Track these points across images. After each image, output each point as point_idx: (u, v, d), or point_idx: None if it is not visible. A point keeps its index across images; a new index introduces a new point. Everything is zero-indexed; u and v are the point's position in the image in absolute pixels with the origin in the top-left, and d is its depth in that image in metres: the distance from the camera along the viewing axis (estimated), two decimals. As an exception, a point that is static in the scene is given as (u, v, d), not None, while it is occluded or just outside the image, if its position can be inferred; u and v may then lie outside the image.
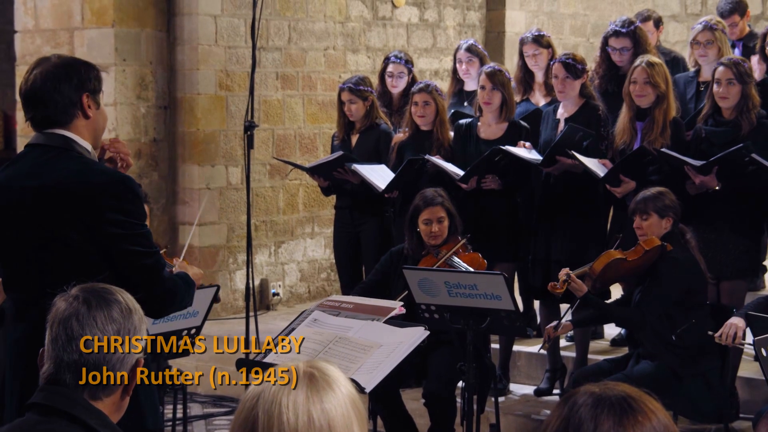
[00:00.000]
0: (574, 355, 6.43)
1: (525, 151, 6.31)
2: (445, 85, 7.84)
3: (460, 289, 4.97)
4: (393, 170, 6.62)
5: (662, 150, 5.90)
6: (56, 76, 3.39)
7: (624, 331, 6.80)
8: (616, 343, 6.94)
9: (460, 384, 5.30)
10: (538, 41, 6.92)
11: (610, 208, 6.63)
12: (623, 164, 5.99)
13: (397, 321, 4.58)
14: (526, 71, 7.04)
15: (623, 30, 6.65)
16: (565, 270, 5.37)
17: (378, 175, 6.60)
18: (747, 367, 6.02)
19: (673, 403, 5.17)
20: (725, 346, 5.18)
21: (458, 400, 5.48)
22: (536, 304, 6.87)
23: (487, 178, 6.33)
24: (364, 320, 4.47)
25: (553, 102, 6.72)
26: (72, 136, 3.41)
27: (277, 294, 8.78)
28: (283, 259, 8.87)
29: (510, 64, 8.12)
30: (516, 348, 6.76)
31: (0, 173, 3.49)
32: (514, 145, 6.34)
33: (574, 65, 6.31)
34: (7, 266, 3.48)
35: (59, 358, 2.42)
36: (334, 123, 7.47)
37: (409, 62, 7.30)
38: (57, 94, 3.38)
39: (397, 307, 4.68)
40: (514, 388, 6.71)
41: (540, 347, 5.62)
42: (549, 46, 6.95)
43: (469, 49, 7.23)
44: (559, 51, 6.99)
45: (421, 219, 5.74)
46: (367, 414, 5.19)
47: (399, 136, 6.84)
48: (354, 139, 6.99)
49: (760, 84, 6.25)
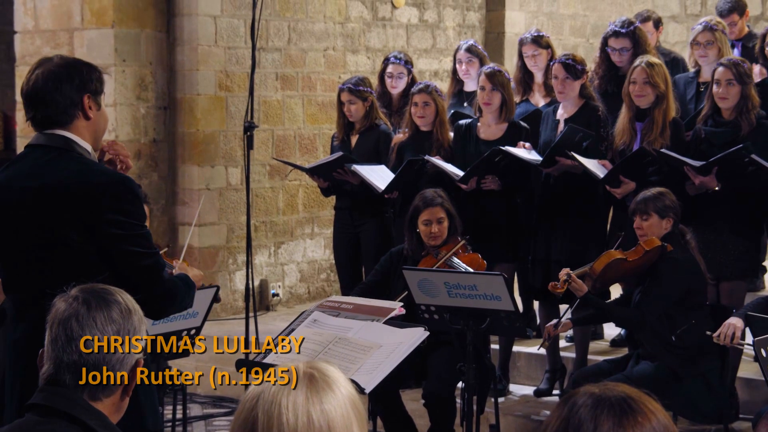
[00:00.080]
0: (573, 355, 6.43)
1: (525, 152, 6.30)
2: (444, 86, 7.84)
3: (459, 289, 4.97)
4: (393, 171, 6.61)
5: (662, 150, 5.90)
6: (58, 76, 3.39)
7: (624, 331, 6.80)
8: (615, 343, 6.94)
9: (460, 384, 5.30)
10: (537, 42, 6.91)
11: (610, 209, 6.63)
12: (623, 165, 5.99)
13: (397, 321, 4.57)
14: (525, 72, 7.04)
15: (623, 30, 6.65)
16: (566, 270, 5.37)
17: (378, 176, 6.59)
18: (747, 368, 6.02)
19: (673, 404, 5.17)
20: (725, 347, 5.19)
21: (458, 401, 5.48)
22: (536, 304, 6.87)
23: (486, 178, 6.33)
24: (364, 321, 4.46)
25: (553, 103, 6.72)
26: (72, 136, 3.40)
27: (277, 295, 8.78)
28: (283, 260, 8.87)
29: (510, 65, 8.11)
30: (516, 348, 6.76)
31: (0, 174, 3.49)
32: (514, 145, 6.34)
33: (573, 66, 6.31)
34: (7, 267, 3.48)
35: (59, 359, 2.42)
36: (333, 123, 7.46)
37: (408, 63, 7.30)
38: (58, 94, 3.38)
39: (397, 308, 4.68)
40: (514, 388, 6.71)
41: (539, 346, 5.62)
42: (548, 47, 6.95)
43: (469, 50, 7.23)
44: (559, 52, 6.98)
45: (420, 220, 5.73)
46: (367, 415, 5.19)
47: (399, 137, 6.84)
48: (354, 139, 6.99)
49: (759, 85, 6.25)
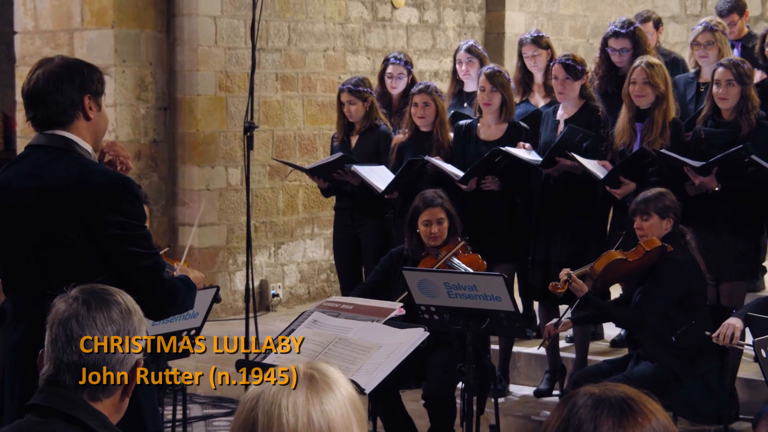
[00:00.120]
0: (573, 356, 6.43)
1: (525, 152, 6.30)
2: (444, 86, 7.84)
3: (459, 290, 4.96)
4: (393, 171, 6.61)
5: (662, 151, 5.90)
6: (59, 76, 3.39)
7: (624, 332, 6.80)
8: (615, 344, 6.94)
9: (460, 385, 5.30)
10: (537, 42, 6.91)
11: (610, 209, 6.63)
12: (623, 166, 5.99)
13: (397, 322, 4.57)
14: (525, 72, 7.04)
15: (623, 31, 6.65)
16: (566, 270, 5.37)
17: (378, 176, 6.59)
18: (746, 368, 6.02)
19: (673, 404, 5.17)
20: (725, 347, 5.19)
21: (458, 401, 5.48)
22: (536, 305, 6.87)
23: (486, 179, 6.33)
24: (364, 321, 4.46)
25: (553, 103, 6.72)
26: (72, 137, 3.40)
27: (277, 295, 8.78)
28: (283, 260, 8.87)
29: (510, 65, 8.11)
30: (516, 349, 6.76)
31: (0, 174, 3.49)
32: (514, 146, 6.33)
33: (573, 66, 6.31)
34: (6, 267, 3.48)
35: (59, 359, 2.42)
36: (333, 124, 7.46)
37: (408, 63, 7.30)
38: (59, 94, 3.38)
39: (397, 308, 4.68)
40: (514, 389, 6.71)
41: (539, 345, 5.62)
42: (548, 47, 6.95)
43: (469, 50, 7.23)
44: (559, 52, 6.98)
45: (420, 220, 5.73)
46: (367, 415, 5.19)
47: (399, 137, 6.84)
48: (354, 140, 6.99)
49: (759, 85, 6.25)
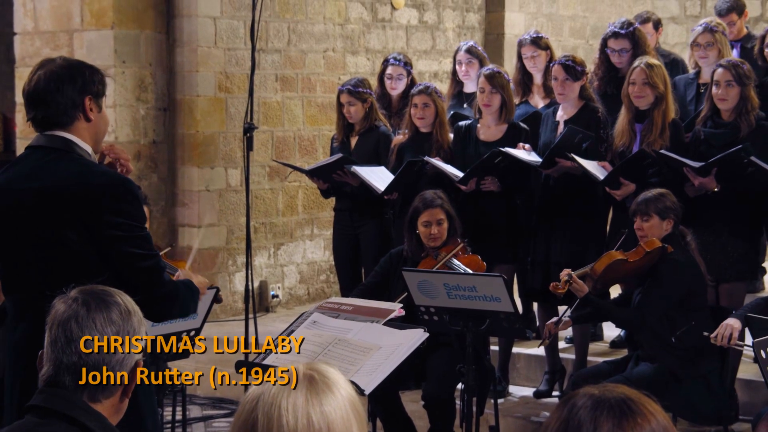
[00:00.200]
0: (573, 357, 6.43)
1: (524, 153, 6.30)
2: (444, 87, 7.84)
3: (459, 290, 4.96)
4: (392, 172, 6.61)
5: (661, 151, 5.90)
6: (60, 77, 3.39)
7: (623, 332, 6.80)
8: (615, 345, 6.94)
9: (460, 386, 5.30)
10: (536, 43, 6.91)
11: (610, 210, 6.62)
12: (623, 167, 5.99)
13: (397, 323, 4.57)
14: (524, 73, 7.04)
15: (622, 31, 6.65)
16: (567, 270, 5.37)
17: (377, 177, 6.59)
18: (746, 369, 6.02)
19: (673, 405, 5.17)
20: (725, 348, 5.18)
21: (457, 402, 5.47)
22: (535, 306, 6.86)
23: (486, 179, 6.33)
24: (364, 322, 4.46)
25: (552, 104, 6.72)
26: (73, 138, 3.40)
27: (277, 296, 8.77)
28: (283, 261, 8.87)
29: (509, 66, 8.11)
30: (515, 350, 6.76)
31: (0, 175, 3.49)
32: (514, 146, 6.33)
33: (573, 67, 6.31)
34: (6, 267, 3.48)
35: (58, 360, 2.42)
36: (333, 125, 7.46)
37: (408, 64, 7.30)
38: (59, 95, 3.38)
39: (397, 309, 4.67)
40: (514, 390, 6.71)
41: (540, 344, 5.62)
42: (547, 48, 6.95)
43: (469, 51, 7.23)
44: (559, 53, 6.98)
45: (420, 221, 5.73)
46: (367, 416, 5.19)
47: (398, 138, 6.83)
48: (353, 141, 6.98)
49: (759, 86, 6.25)
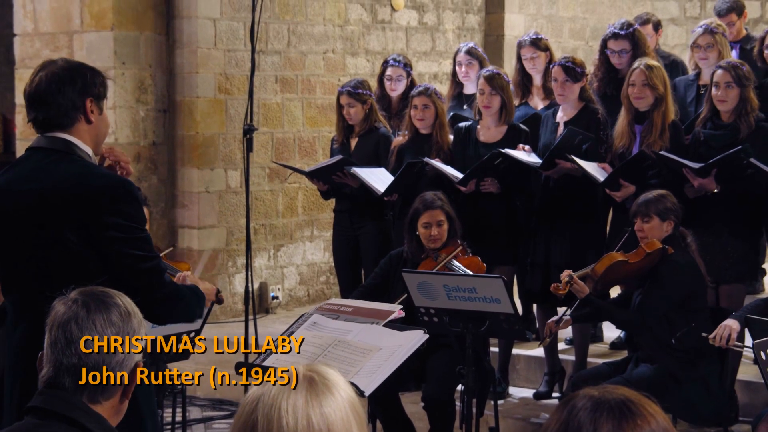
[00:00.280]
0: (573, 358, 6.43)
1: (524, 154, 6.30)
2: (444, 89, 7.84)
3: (459, 292, 4.96)
4: (392, 173, 6.61)
5: (661, 153, 5.90)
6: (61, 78, 3.39)
7: (623, 334, 6.80)
8: (615, 346, 6.93)
9: (459, 387, 5.30)
10: (535, 44, 6.92)
11: (609, 211, 6.62)
12: (623, 168, 5.99)
13: (397, 324, 4.57)
14: (524, 74, 7.04)
15: (622, 32, 6.65)
16: (568, 271, 5.37)
17: (377, 179, 6.59)
18: (746, 371, 6.02)
19: (673, 407, 5.17)
20: (724, 350, 5.18)
21: (457, 404, 5.47)
22: (535, 307, 6.86)
23: (486, 180, 6.33)
24: (364, 323, 4.46)
25: (552, 105, 6.72)
26: (73, 140, 3.40)
27: (277, 297, 8.77)
28: (283, 263, 8.87)
29: (509, 68, 8.11)
30: (515, 351, 6.76)
31: (1, 177, 3.49)
32: (514, 148, 6.34)
33: (573, 68, 6.31)
34: (6, 268, 3.48)
35: (58, 362, 2.42)
36: (333, 126, 7.46)
37: (407, 65, 7.30)
38: (60, 96, 3.38)
39: (397, 311, 4.67)
40: (513, 391, 6.71)
41: (540, 343, 5.62)
42: (547, 49, 6.95)
43: (469, 52, 7.23)
44: (558, 54, 6.98)
45: (420, 222, 5.73)
46: (367, 417, 5.19)
47: (398, 140, 6.83)
48: (353, 142, 6.98)
49: (758, 87, 6.26)
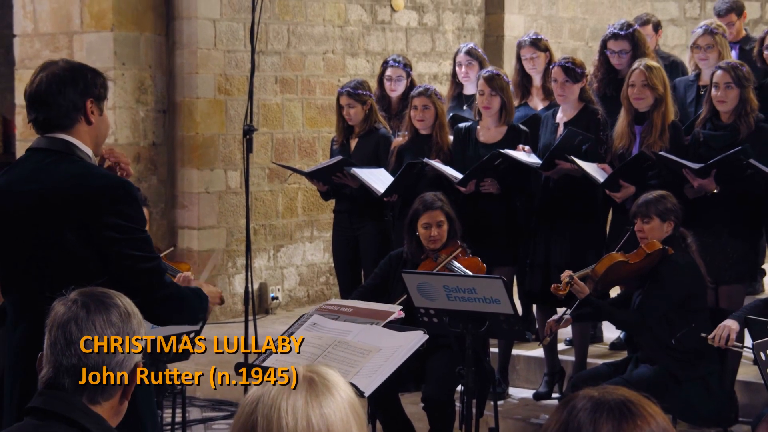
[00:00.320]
0: (573, 358, 6.43)
1: (524, 155, 6.30)
2: (444, 89, 7.83)
3: (459, 292, 4.96)
4: (392, 174, 6.61)
5: (661, 153, 5.90)
6: (62, 79, 3.39)
7: (623, 334, 6.79)
8: (615, 346, 6.93)
9: (459, 388, 5.29)
10: (535, 44, 6.92)
11: (609, 212, 6.62)
12: (622, 169, 5.99)
13: (396, 325, 4.57)
14: (523, 75, 7.04)
15: (622, 33, 6.66)
16: (568, 272, 5.37)
17: (377, 179, 6.59)
18: (746, 371, 6.01)
19: (672, 407, 5.17)
20: (724, 350, 5.18)
21: (457, 404, 5.47)
22: (534, 308, 6.86)
23: (485, 181, 6.33)
24: (363, 324, 4.46)
25: (552, 106, 6.72)
26: (73, 140, 3.41)
27: (276, 298, 8.77)
28: (282, 263, 8.87)
29: (509, 68, 8.10)
30: (515, 352, 6.76)
31: (1, 178, 3.49)
32: (514, 148, 6.34)
33: (573, 69, 6.31)
34: (6, 269, 3.48)
35: (58, 363, 2.42)
36: (333, 127, 7.46)
37: (407, 66, 7.29)
38: (61, 97, 3.38)
39: (396, 311, 4.67)
40: (513, 392, 6.71)
41: (540, 342, 5.62)
42: (546, 50, 6.95)
43: (469, 53, 7.23)
44: (558, 55, 6.98)
45: (420, 223, 5.73)
46: (367, 418, 5.19)
47: (398, 140, 6.83)
48: (353, 143, 6.98)
49: (758, 88, 6.26)
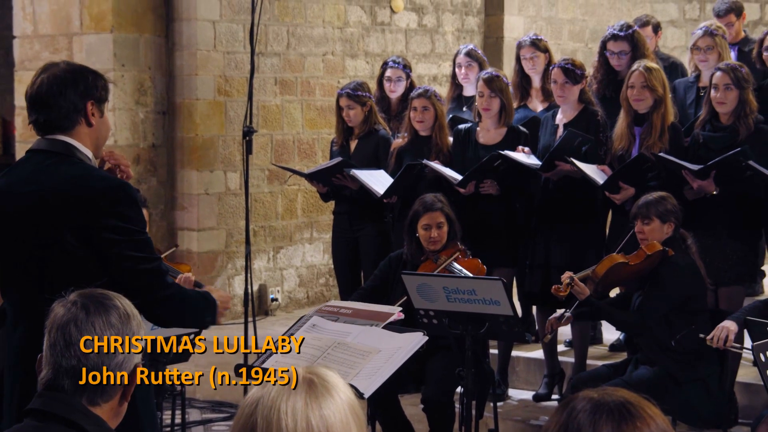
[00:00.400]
0: (572, 360, 6.43)
1: (524, 156, 6.30)
2: (443, 91, 7.83)
3: (458, 294, 4.96)
4: (392, 176, 6.61)
5: (660, 154, 5.90)
6: (63, 81, 3.40)
7: (623, 336, 6.79)
8: (614, 348, 6.93)
9: (459, 389, 5.29)
10: (535, 45, 6.92)
11: (608, 213, 6.62)
12: (622, 171, 5.99)
13: (396, 326, 4.57)
14: (522, 76, 7.04)
15: (621, 33, 6.66)
16: (569, 273, 5.37)
17: (377, 181, 6.59)
18: (746, 373, 6.01)
19: (672, 409, 5.17)
20: (724, 351, 5.18)
21: (457, 406, 5.47)
22: (534, 309, 6.86)
23: (485, 182, 6.33)
24: (363, 325, 4.46)
25: (551, 108, 6.72)
26: (73, 142, 3.41)
27: (276, 299, 8.77)
28: (282, 265, 8.86)
29: (508, 70, 8.11)
30: (514, 353, 6.75)
31: (0, 179, 3.49)
32: (513, 150, 6.34)
33: (573, 70, 6.31)
34: (6, 270, 3.48)
35: (58, 364, 2.42)
36: (332, 128, 7.46)
37: (407, 67, 7.29)
38: (62, 98, 3.39)
39: (396, 312, 4.67)
40: (513, 393, 6.71)
41: (541, 339, 5.62)
42: (546, 51, 6.95)
43: (469, 54, 7.23)
44: (558, 56, 6.98)
45: (420, 224, 5.73)
46: (366, 420, 5.19)
47: (398, 142, 6.83)
48: (353, 144, 6.98)
49: (757, 89, 6.26)
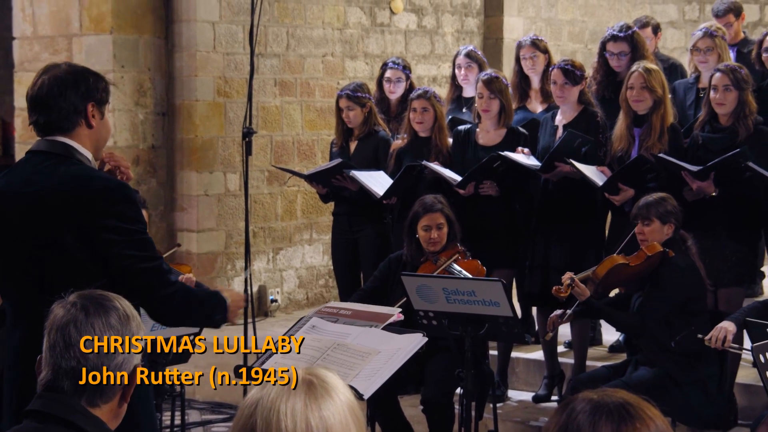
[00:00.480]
0: (572, 361, 6.43)
1: (523, 157, 6.30)
2: (443, 92, 7.83)
3: (458, 295, 4.96)
4: (391, 177, 6.61)
5: (660, 155, 5.90)
6: (64, 82, 3.40)
7: (622, 337, 6.79)
8: (614, 349, 6.93)
9: (459, 390, 5.29)
10: (536, 45, 6.92)
11: (608, 214, 6.62)
12: (622, 173, 5.99)
13: (396, 327, 4.57)
14: (522, 77, 7.04)
15: (621, 34, 6.66)
16: (569, 274, 5.37)
17: (376, 182, 6.59)
18: (745, 374, 6.02)
19: (672, 410, 5.17)
20: (724, 353, 5.18)
21: (456, 407, 5.47)
22: (534, 310, 6.86)
23: (485, 183, 6.33)
24: (363, 327, 4.46)
25: (550, 108, 6.73)
26: (73, 144, 3.41)
27: (276, 301, 8.77)
28: (282, 266, 8.86)
29: (508, 71, 8.11)
30: (514, 354, 6.75)
31: (0, 180, 3.49)
32: (513, 151, 6.34)
33: (572, 71, 6.31)
34: (5, 271, 3.48)
35: (57, 365, 2.42)
36: (332, 129, 7.46)
37: (406, 68, 7.30)
38: (62, 100, 3.39)
39: (396, 314, 4.67)
40: (513, 394, 6.70)
41: (542, 337, 5.62)
42: (546, 52, 6.95)
43: (469, 55, 7.23)
44: (557, 57, 6.98)
45: (420, 225, 5.73)
46: (366, 421, 5.19)
47: (397, 143, 6.83)
48: (352, 146, 6.98)
49: (756, 90, 6.26)
